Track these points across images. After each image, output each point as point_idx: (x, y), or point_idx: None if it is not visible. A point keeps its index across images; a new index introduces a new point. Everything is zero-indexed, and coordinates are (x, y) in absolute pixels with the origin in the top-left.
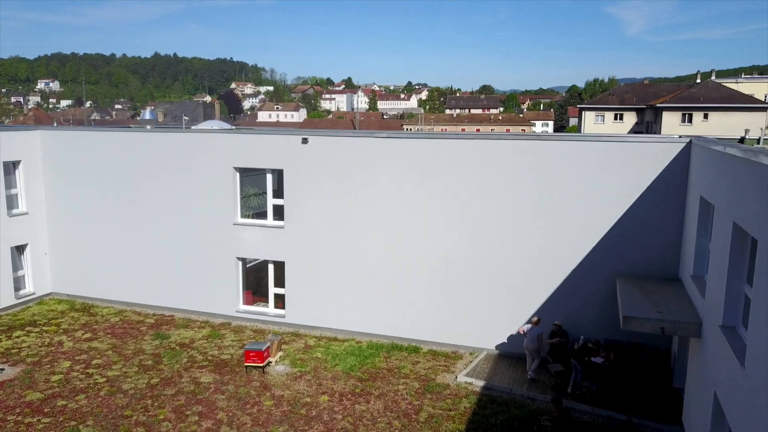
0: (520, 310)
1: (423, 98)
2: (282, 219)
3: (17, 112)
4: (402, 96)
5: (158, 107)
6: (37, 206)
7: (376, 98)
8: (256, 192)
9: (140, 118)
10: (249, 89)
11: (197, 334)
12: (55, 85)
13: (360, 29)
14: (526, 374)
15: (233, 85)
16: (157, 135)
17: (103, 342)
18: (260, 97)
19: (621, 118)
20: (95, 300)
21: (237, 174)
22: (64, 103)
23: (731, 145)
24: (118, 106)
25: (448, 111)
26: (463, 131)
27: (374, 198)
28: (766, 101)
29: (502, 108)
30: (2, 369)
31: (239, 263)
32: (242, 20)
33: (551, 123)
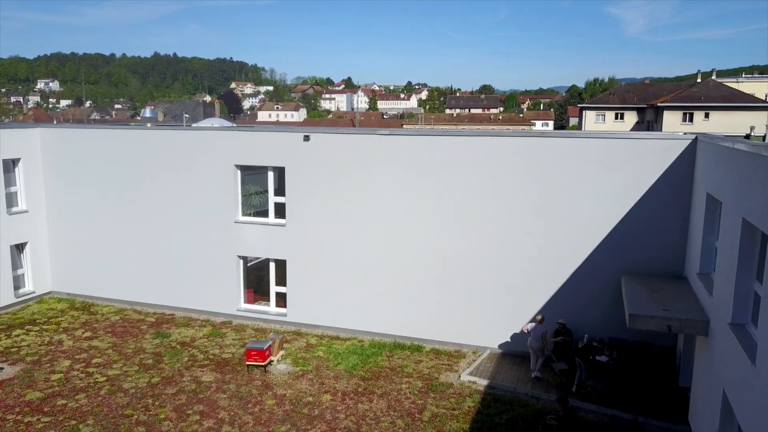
0: (524, 309)
1: (423, 98)
2: (283, 217)
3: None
4: (402, 96)
5: (158, 107)
6: (37, 204)
7: (376, 98)
8: (258, 190)
9: (140, 117)
10: (249, 89)
11: (198, 333)
12: (55, 85)
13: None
14: (530, 373)
15: (233, 85)
16: (158, 133)
17: (104, 341)
18: (260, 97)
19: (622, 118)
20: (95, 299)
21: (238, 172)
22: (64, 103)
23: (739, 141)
24: (118, 106)
25: (448, 111)
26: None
27: (376, 196)
28: (767, 101)
29: (502, 108)
30: (2, 368)
31: (240, 262)
32: (242, 20)
33: (551, 123)
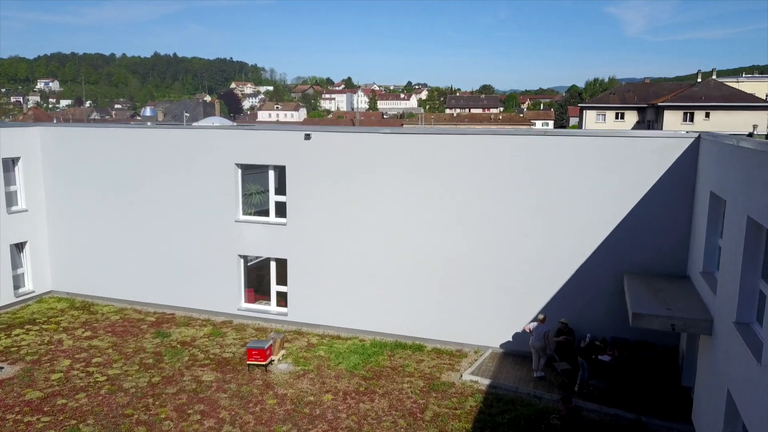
0: (525, 308)
1: (423, 98)
2: (284, 216)
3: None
4: (402, 96)
5: (158, 106)
6: (37, 203)
7: (376, 98)
8: (258, 189)
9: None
10: (249, 89)
11: (198, 333)
12: (55, 85)
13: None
14: (532, 373)
15: (233, 85)
16: (158, 131)
17: (104, 340)
18: (260, 97)
19: (622, 117)
20: (95, 298)
21: (239, 171)
22: (64, 103)
23: (744, 139)
24: (118, 106)
25: (448, 110)
26: None
27: (378, 195)
28: None
29: (502, 108)
30: (1, 367)
31: (241, 261)
32: (242, 20)
33: (551, 123)
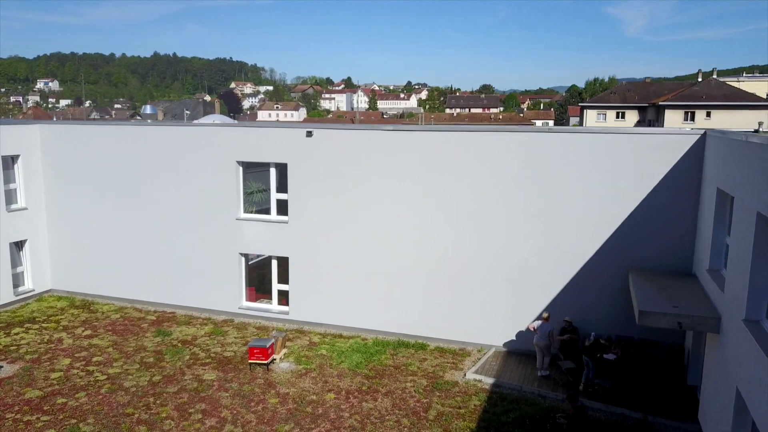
0: (529, 307)
1: (423, 98)
2: (286, 214)
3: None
4: (402, 96)
5: (158, 106)
6: (37, 201)
7: (376, 98)
8: (260, 188)
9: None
10: (248, 89)
11: (199, 331)
12: (55, 85)
13: (360, 29)
14: (536, 371)
15: (233, 85)
16: (159, 129)
17: (104, 339)
18: (260, 97)
19: (623, 117)
20: (95, 297)
21: (240, 168)
22: (64, 103)
23: (753, 135)
24: (118, 106)
25: (448, 110)
26: None
27: (380, 193)
28: None
29: (502, 108)
30: (1, 366)
31: (242, 259)
32: (242, 20)
33: (551, 122)
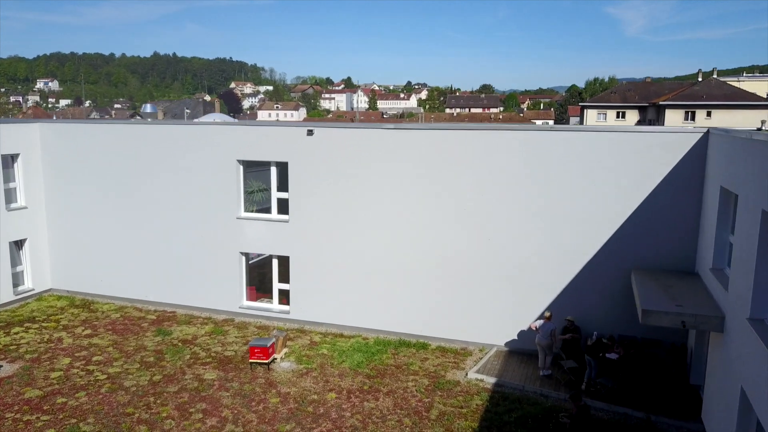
0: (531, 306)
1: (423, 98)
2: (286, 213)
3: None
4: (402, 96)
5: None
6: (37, 200)
7: (376, 98)
8: (260, 187)
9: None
10: (248, 89)
11: (200, 331)
12: (54, 85)
13: (360, 29)
14: (538, 371)
15: (232, 85)
16: (159, 128)
17: (104, 338)
18: (260, 97)
19: (623, 116)
20: (95, 296)
21: (240, 167)
22: (63, 103)
23: (757, 133)
24: (118, 106)
25: (448, 110)
26: None
27: (381, 191)
28: None
29: (502, 107)
30: (0, 366)
31: (243, 258)
32: (242, 20)
33: (551, 122)
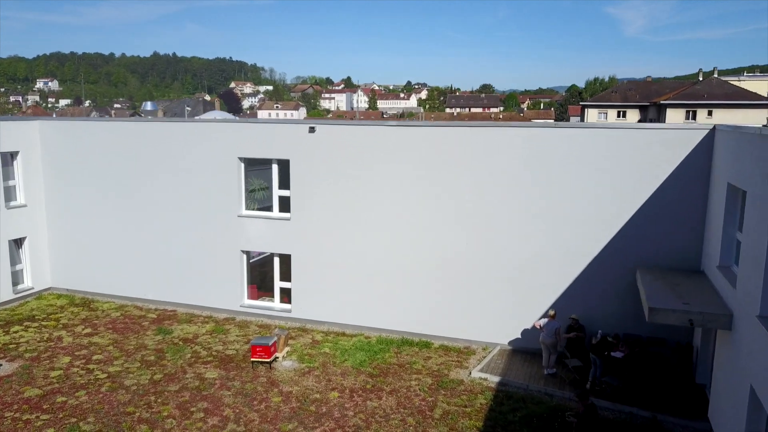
0: (535, 305)
1: (423, 98)
2: (288, 211)
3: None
4: (402, 95)
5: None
6: (36, 198)
7: (376, 97)
8: (262, 185)
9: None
10: (248, 89)
11: (201, 329)
12: (54, 85)
13: (360, 29)
14: (543, 370)
15: (232, 85)
16: (160, 125)
17: (104, 337)
18: (259, 97)
19: (624, 116)
20: (95, 295)
21: (242, 164)
22: (63, 103)
23: (766, 129)
24: (117, 106)
25: (449, 110)
26: None
27: (384, 189)
28: None
29: (502, 107)
30: (0, 365)
31: (244, 256)
32: (241, 20)
33: (551, 122)
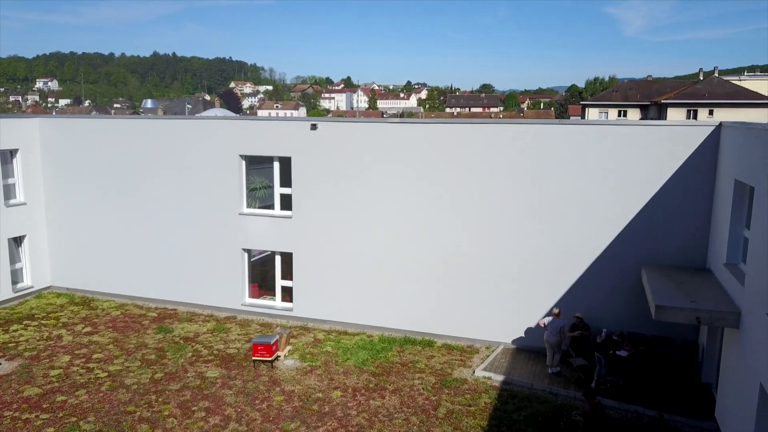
0: (538, 303)
1: (423, 97)
2: (290, 209)
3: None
4: (401, 95)
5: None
6: (36, 196)
7: (376, 97)
8: (263, 183)
9: (141, 108)
10: (248, 88)
11: (202, 328)
12: (54, 85)
13: (360, 29)
14: (547, 369)
15: (232, 85)
16: (161, 122)
17: (104, 336)
18: (259, 97)
19: (625, 115)
20: (95, 293)
21: (243, 162)
22: (63, 103)
23: None
24: (117, 105)
25: (449, 110)
26: None
27: (386, 187)
28: None
29: (502, 107)
30: None
31: (245, 255)
32: (241, 20)
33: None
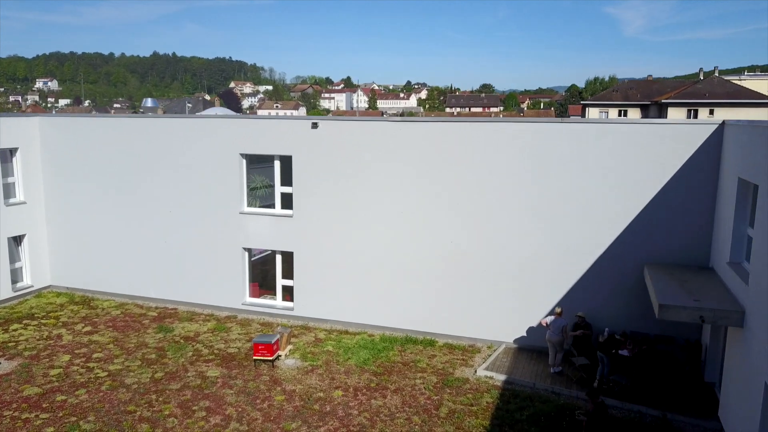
0: (540, 302)
1: (422, 97)
2: (290, 208)
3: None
4: (401, 95)
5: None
6: (36, 195)
7: (376, 97)
8: (264, 182)
9: (142, 107)
10: (248, 88)
11: (202, 328)
12: (54, 85)
13: (359, 29)
14: (549, 368)
15: (232, 84)
16: (161, 121)
17: (104, 335)
18: (259, 97)
19: (625, 114)
20: (95, 293)
21: (243, 161)
22: (63, 103)
23: None
24: (117, 105)
25: (449, 109)
26: None
27: (387, 185)
28: None
29: (502, 107)
30: None
31: (246, 254)
32: (241, 20)
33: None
